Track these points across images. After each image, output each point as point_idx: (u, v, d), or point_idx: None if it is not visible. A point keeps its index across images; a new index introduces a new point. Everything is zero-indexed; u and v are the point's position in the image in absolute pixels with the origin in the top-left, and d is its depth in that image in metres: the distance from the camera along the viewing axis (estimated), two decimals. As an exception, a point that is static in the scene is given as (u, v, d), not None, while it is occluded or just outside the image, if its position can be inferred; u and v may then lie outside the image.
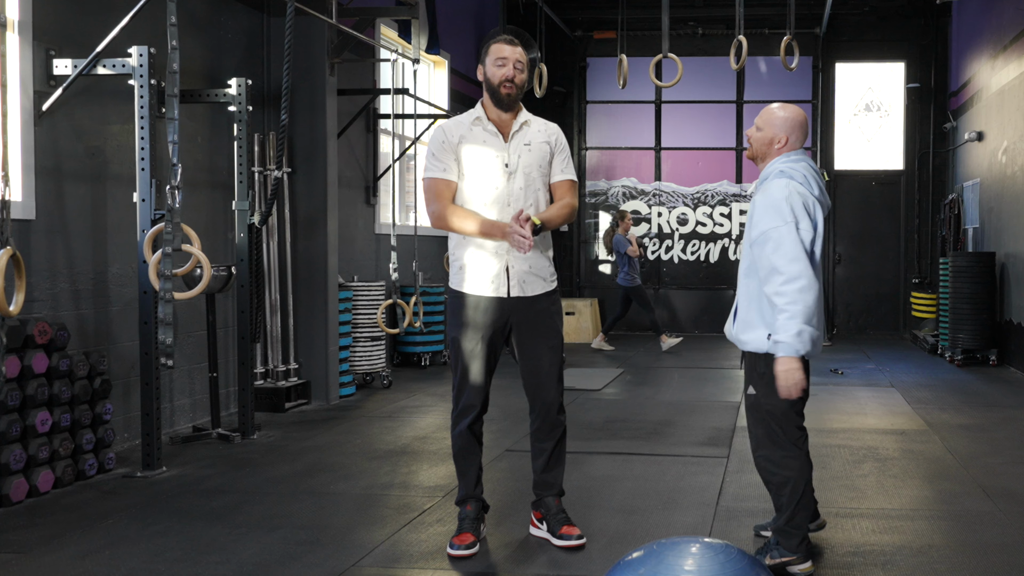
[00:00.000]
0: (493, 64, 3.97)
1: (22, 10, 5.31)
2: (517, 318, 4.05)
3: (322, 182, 7.78)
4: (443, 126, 4.05)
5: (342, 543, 4.18)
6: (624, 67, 9.92)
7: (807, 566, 3.78)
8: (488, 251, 4.00)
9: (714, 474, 5.44)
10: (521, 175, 4.00)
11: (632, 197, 14.54)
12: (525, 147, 4.03)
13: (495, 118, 4.03)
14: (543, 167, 4.06)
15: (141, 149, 5.41)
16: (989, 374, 9.82)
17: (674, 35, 12.74)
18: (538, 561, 3.98)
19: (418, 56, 8.50)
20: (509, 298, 4.02)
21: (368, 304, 8.71)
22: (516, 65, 3.96)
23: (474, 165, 3.99)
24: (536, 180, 4.03)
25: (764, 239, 3.67)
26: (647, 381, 9.40)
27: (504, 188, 3.98)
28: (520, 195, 3.99)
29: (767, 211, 3.68)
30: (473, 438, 4.11)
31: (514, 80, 3.95)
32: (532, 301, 4.06)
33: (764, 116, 3.90)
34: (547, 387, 4.09)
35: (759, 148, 3.89)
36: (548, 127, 4.14)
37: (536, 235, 3.92)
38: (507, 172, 3.99)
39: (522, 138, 4.04)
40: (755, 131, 3.89)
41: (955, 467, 5.67)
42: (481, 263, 4.02)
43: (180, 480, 5.29)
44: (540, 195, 4.05)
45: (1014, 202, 10.12)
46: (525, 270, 4.03)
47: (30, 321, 4.98)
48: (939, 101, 13.91)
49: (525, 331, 4.07)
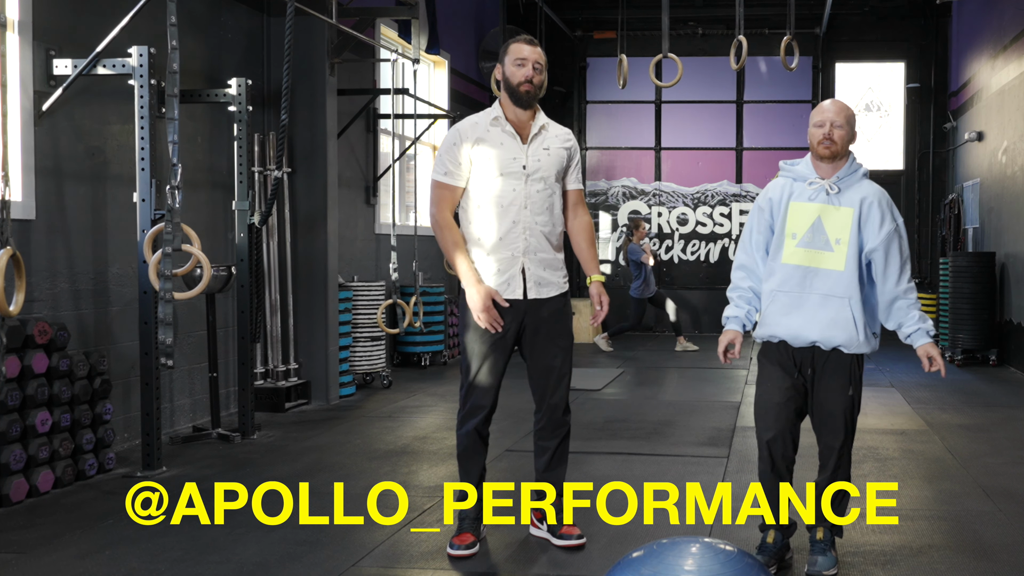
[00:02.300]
0: (513, 64, 3.98)
1: (22, 10, 5.31)
2: (530, 319, 4.05)
3: (322, 182, 7.78)
4: (459, 127, 4.04)
5: (342, 543, 4.18)
6: (624, 67, 9.92)
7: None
8: (505, 252, 3.99)
9: (714, 474, 5.44)
10: (539, 178, 4.01)
11: (632, 197, 14.54)
12: (544, 151, 4.04)
13: (513, 119, 4.02)
14: (559, 172, 4.08)
15: (141, 149, 5.41)
16: (989, 374, 9.82)
17: (674, 35, 12.74)
18: (538, 561, 3.98)
19: (418, 56, 8.50)
20: (524, 300, 4.02)
21: (368, 304, 8.71)
22: (535, 66, 3.98)
23: (492, 167, 3.98)
24: (553, 184, 4.06)
25: (894, 235, 3.74)
26: (647, 381, 9.40)
27: (522, 191, 3.98)
28: (537, 198, 4.01)
29: (890, 208, 3.77)
30: (479, 439, 4.09)
31: (533, 80, 3.97)
32: (546, 303, 4.07)
33: (841, 112, 3.76)
34: (557, 388, 4.10)
35: (844, 146, 3.76)
36: (566, 133, 4.17)
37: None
38: (525, 175, 3.99)
39: (541, 142, 4.04)
40: (836, 128, 3.72)
41: (955, 467, 5.67)
42: (497, 264, 4.00)
43: (180, 480, 5.28)
44: (555, 199, 4.08)
45: (1014, 202, 10.13)
46: (541, 272, 4.04)
47: (30, 321, 4.98)
48: (939, 101, 13.91)
49: (538, 332, 4.06)
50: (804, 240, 3.75)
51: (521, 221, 3.98)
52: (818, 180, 3.76)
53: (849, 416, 3.82)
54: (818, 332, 3.74)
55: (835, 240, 3.71)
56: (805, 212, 3.75)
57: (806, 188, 3.78)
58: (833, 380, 3.79)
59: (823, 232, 3.72)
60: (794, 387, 3.82)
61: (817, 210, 3.73)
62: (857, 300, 3.71)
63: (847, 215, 3.71)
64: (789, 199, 3.79)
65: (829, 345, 3.75)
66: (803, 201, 3.77)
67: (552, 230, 4.08)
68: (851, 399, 3.81)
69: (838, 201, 3.73)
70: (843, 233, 3.71)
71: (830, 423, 3.82)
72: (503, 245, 3.98)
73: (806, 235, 3.74)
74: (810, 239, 3.74)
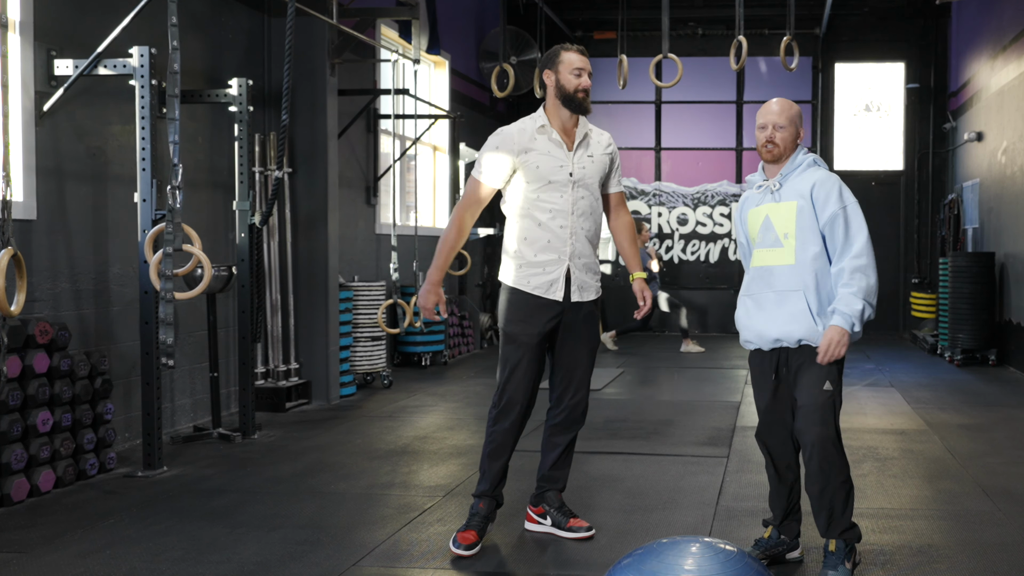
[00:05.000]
0: (569, 73, 4.09)
1: (23, 10, 5.31)
2: (566, 320, 4.15)
3: (323, 182, 7.79)
4: (504, 132, 4.14)
5: (342, 543, 4.19)
6: (624, 67, 9.92)
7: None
8: (551, 255, 4.09)
9: (714, 474, 5.45)
10: (584, 185, 4.12)
11: (632, 197, 14.54)
12: (588, 158, 4.15)
13: (559, 126, 4.13)
14: (603, 177, 4.22)
15: (142, 149, 5.42)
16: (989, 374, 9.83)
17: (674, 35, 12.74)
18: (540, 560, 3.99)
19: (418, 56, 8.51)
20: (566, 302, 4.13)
21: (368, 304, 8.71)
22: (589, 75, 4.13)
23: (540, 174, 4.07)
24: (595, 190, 4.18)
25: (838, 215, 3.68)
26: (647, 381, 9.41)
27: (569, 197, 4.09)
28: (583, 204, 4.12)
29: (838, 190, 3.72)
30: (511, 436, 4.17)
31: (587, 89, 4.12)
32: (583, 305, 4.18)
33: (784, 113, 3.79)
34: (581, 387, 4.25)
35: (787, 146, 3.80)
36: (608, 139, 4.29)
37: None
38: (572, 181, 4.10)
39: (585, 149, 4.16)
40: (778, 130, 3.77)
41: (955, 467, 5.68)
42: (543, 267, 4.10)
43: (181, 480, 5.29)
44: (597, 204, 4.21)
45: (1014, 202, 10.13)
46: (584, 276, 4.16)
47: (31, 321, 4.99)
48: (939, 101, 13.92)
49: (570, 332, 4.17)
50: (759, 242, 3.83)
51: (568, 226, 4.09)
52: (764, 182, 3.85)
53: (827, 412, 3.66)
54: (777, 329, 3.73)
55: (783, 235, 3.75)
56: (757, 216, 3.85)
57: (755, 193, 3.89)
58: (807, 376, 3.71)
59: (772, 229, 3.78)
60: (776, 389, 3.82)
61: (765, 211, 3.81)
62: (813, 290, 3.68)
63: (790, 208, 3.74)
64: (746, 211, 3.93)
65: (792, 340, 3.71)
66: (754, 207, 3.88)
67: (595, 234, 4.21)
68: (828, 395, 3.68)
69: (780, 197, 3.78)
70: (788, 226, 3.73)
71: (805, 420, 3.68)
72: (550, 248, 4.09)
73: (759, 236, 3.82)
74: (762, 239, 3.81)
